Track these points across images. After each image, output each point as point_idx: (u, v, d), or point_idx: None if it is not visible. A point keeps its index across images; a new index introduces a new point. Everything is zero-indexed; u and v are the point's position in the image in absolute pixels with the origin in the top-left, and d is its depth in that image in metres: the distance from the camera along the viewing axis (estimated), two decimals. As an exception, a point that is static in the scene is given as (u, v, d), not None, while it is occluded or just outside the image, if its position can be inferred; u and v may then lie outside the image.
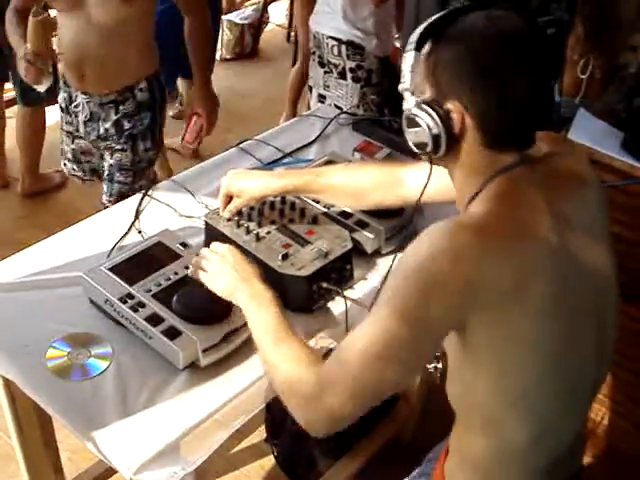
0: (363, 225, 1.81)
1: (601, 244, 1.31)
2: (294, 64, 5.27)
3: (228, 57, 5.44)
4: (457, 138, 1.24)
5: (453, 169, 1.31)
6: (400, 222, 1.84)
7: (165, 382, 1.48)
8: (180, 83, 4.34)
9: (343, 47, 3.16)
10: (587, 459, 2.46)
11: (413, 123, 1.27)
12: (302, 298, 1.65)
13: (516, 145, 1.25)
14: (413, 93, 1.26)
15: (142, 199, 1.99)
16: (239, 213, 1.78)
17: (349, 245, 1.73)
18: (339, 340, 1.62)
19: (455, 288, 1.13)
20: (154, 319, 1.50)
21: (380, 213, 1.82)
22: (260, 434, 2.44)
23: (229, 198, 1.78)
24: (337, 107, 3.23)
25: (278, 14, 6.04)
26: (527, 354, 1.19)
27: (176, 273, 1.61)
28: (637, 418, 2.39)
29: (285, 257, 1.65)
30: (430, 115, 1.23)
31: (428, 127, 1.24)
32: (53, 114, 3.85)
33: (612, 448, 2.47)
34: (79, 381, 1.48)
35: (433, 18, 1.25)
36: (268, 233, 1.73)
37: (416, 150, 1.31)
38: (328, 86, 3.31)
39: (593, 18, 2.64)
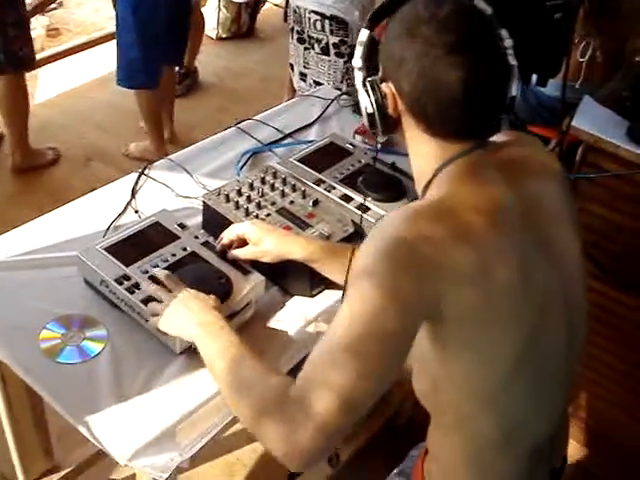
0: (364, 209, 1.78)
1: (568, 234, 1.28)
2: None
3: (224, 36, 5.38)
4: (394, 121, 1.27)
5: (409, 152, 1.31)
6: (402, 206, 1.80)
7: (161, 366, 1.45)
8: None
9: (326, 22, 3.09)
10: (584, 452, 2.48)
11: (359, 98, 1.31)
12: (302, 282, 1.62)
13: (459, 135, 1.22)
14: (360, 69, 1.29)
15: (138, 178, 1.94)
16: (239, 194, 1.74)
17: (350, 229, 1.69)
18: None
19: (420, 274, 1.09)
20: (150, 301, 1.46)
21: (382, 197, 1.79)
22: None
23: (241, 241, 1.59)
24: (317, 83, 3.20)
25: (275, -7, 5.98)
26: (496, 347, 1.15)
27: (174, 254, 1.57)
28: (635, 410, 2.38)
29: (285, 240, 1.61)
30: (367, 94, 1.27)
31: (364, 105, 1.28)
32: (43, 90, 3.81)
33: (609, 440, 2.47)
34: (73, 364, 1.44)
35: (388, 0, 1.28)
36: (268, 215, 1.69)
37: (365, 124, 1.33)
38: (308, 63, 3.25)
39: None
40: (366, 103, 1.27)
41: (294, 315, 1.60)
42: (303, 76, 3.31)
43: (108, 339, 1.49)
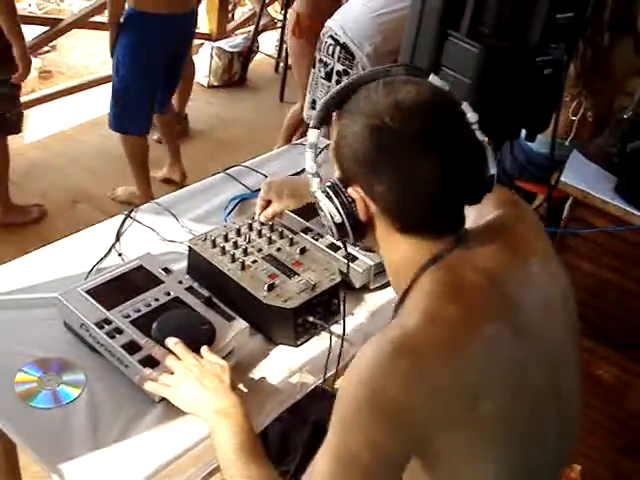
0: (352, 259, 1.76)
1: (558, 319, 1.20)
2: (282, 95, 5.27)
3: (216, 84, 5.40)
4: (365, 226, 1.15)
5: (383, 256, 1.22)
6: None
7: (139, 414, 1.41)
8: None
9: (337, 48, 3.18)
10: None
11: (319, 207, 1.19)
12: (287, 331, 1.59)
13: (439, 231, 1.14)
14: (316, 174, 1.20)
15: (124, 221, 1.92)
16: (225, 239, 1.72)
17: (337, 279, 1.67)
18: (320, 376, 1.56)
19: (403, 416, 1.02)
20: (131, 347, 1.43)
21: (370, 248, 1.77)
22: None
23: (267, 203, 1.80)
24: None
25: (268, 44, 6.04)
26: (485, 468, 1.09)
27: (157, 299, 1.54)
28: (619, 468, 2.34)
29: (271, 288, 1.59)
30: (332, 201, 1.15)
31: (330, 215, 1.16)
32: (32, 131, 3.78)
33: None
34: (48, 408, 1.40)
35: (337, 88, 1.17)
36: (254, 262, 1.67)
37: (330, 235, 1.23)
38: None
39: (586, 59, 2.64)
40: (332, 212, 1.15)
41: (278, 365, 1.57)
42: (314, 103, 3.35)
43: (86, 384, 1.45)
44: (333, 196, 1.15)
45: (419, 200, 1.10)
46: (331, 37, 3.18)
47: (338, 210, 1.15)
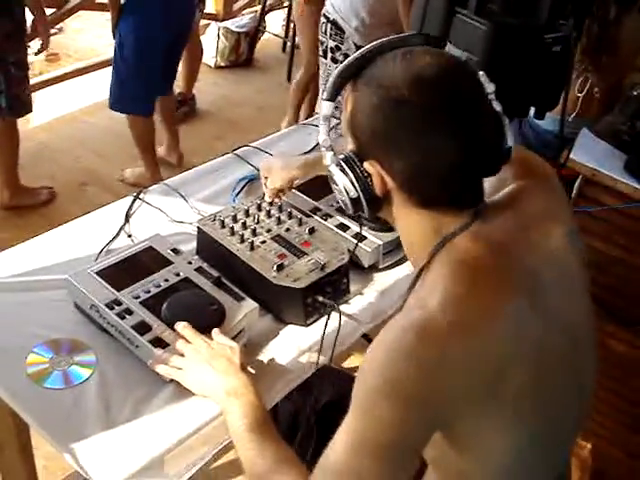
0: (361, 238, 1.76)
1: (575, 290, 1.20)
2: (289, 75, 5.25)
3: (223, 65, 5.39)
4: (382, 200, 1.13)
5: (399, 230, 1.19)
6: (399, 236, 1.78)
7: (150, 394, 1.41)
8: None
9: (329, 25, 3.19)
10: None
11: (333, 181, 1.15)
12: (297, 311, 1.60)
13: (457, 205, 1.11)
14: (331, 148, 1.14)
15: (133, 202, 1.92)
16: (234, 220, 1.72)
17: (346, 258, 1.67)
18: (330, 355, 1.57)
19: (426, 402, 1.02)
20: (142, 327, 1.44)
21: (379, 227, 1.77)
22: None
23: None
24: None
25: (275, 24, 6.01)
26: (509, 434, 1.10)
27: (166, 280, 1.55)
28: (630, 446, 2.34)
29: (280, 268, 1.59)
30: (347, 175, 1.11)
31: (345, 189, 1.13)
32: (40, 114, 3.77)
33: (603, 476, 2.43)
34: (60, 389, 1.41)
35: (351, 58, 1.12)
36: (263, 242, 1.67)
37: (345, 209, 1.19)
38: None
39: (592, 34, 2.61)
40: (347, 187, 1.12)
41: (288, 344, 1.57)
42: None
43: (97, 365, 1.46)
44: (348, 170, 1.11)
45: (437, 173, 1.07)
46: (324, 15, 3.21)
47: (353, 185, 1.11)
